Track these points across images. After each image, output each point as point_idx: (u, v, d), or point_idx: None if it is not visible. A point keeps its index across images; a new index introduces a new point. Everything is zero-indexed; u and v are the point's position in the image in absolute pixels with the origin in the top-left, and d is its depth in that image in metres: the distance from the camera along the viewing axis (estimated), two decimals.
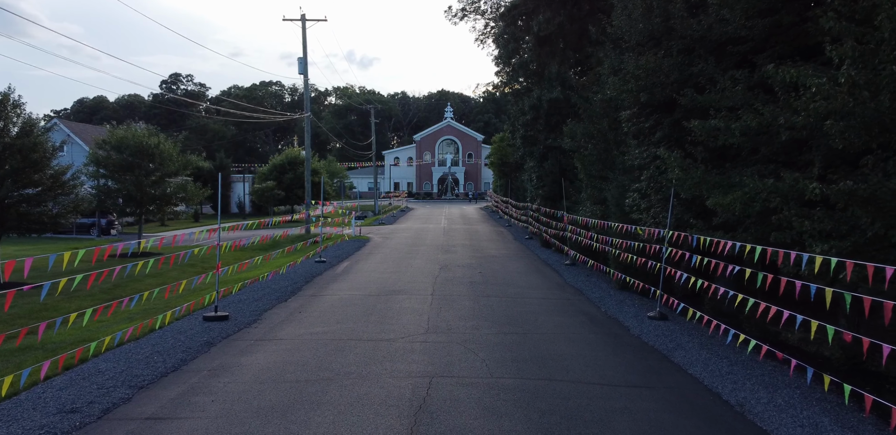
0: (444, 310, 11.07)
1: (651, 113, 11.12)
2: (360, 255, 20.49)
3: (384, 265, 17.58)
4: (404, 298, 12.23)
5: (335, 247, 22.76)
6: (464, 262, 18.42)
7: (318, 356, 7.95)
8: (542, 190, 24.63)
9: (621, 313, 11.05)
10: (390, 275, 15.62)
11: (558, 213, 19.83)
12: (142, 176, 20.47)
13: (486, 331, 9.44)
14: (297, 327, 9.68)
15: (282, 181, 42.25)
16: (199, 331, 9.41)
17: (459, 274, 15.82)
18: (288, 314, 10.73)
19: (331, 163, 55.63)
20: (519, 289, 13.63)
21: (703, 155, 9.73)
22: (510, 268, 17.25)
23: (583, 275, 16.04)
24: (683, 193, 9.75)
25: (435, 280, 14.77)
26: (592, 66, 23.53)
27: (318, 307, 11.35)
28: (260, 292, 12.93)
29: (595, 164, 16.04)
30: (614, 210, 13.96)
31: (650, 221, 11.31)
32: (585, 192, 17.06)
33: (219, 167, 54.28)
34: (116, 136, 20.55)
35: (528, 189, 29.57)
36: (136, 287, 15.76)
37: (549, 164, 24.00)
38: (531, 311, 11.12)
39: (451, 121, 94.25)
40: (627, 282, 12.53)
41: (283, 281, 14.48)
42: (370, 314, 10.65)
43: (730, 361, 7.98)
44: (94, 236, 31.16)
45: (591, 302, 12.29)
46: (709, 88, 9.37)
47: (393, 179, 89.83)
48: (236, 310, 11.05)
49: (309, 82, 28.01)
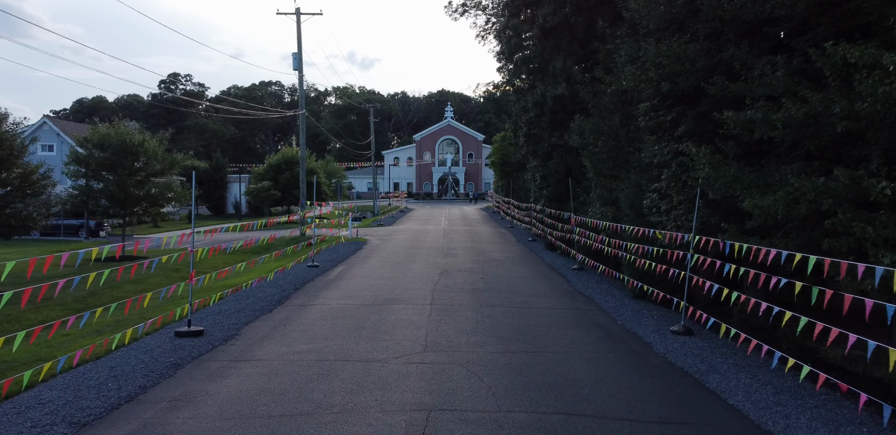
0: (445, 322, 10.00)
1: (673, 105, 10.05)
2: (355, 258, 19.43)
3: (380, 270, 16.52)
4: (401, 309, 11.17)
5: (330, 250, 21.69)
6: (465, 266, 17.36)
7: (299, 383, 6.88)
8: (547, 190, 23.56)
9: (640, 327, 9.98)
10: (386, 281, 14.56)
11: (565, 215, 18.78)
12: (125, 176, 19.40)
13: (492, 348, 8.38)
14: (278, 345, 8.61)
15: (278, 181, 41.20)
16: (168, 349, 8.34)
17: (460, 280, 14.76)
18: (271, 328, 9.66)
19: (329, 163, 54.61)
20: (525, 297, 12.56)
21: (735, 151, 8.67)
22: (514, 273, 16.18)
23: (593, 281, 14.97)
24: (712, 194, 8.69)
25: (434, 287, 13.72)
26: (599, 62, 22.50)
27: (305, 320, 10.29)
28: (243, 302, 11.86)
29: (606, 162, 14.97)
30: (628, 212, 12.90)
31: (671, 225, 10.25)
32: (595, 193, 15.99)
33: (215, 167, 53.32)
34: (99, 134, 19.48)
35: (531, 189, 28.51)
36: (114, 295, 14.71)
37: (553, 164, 22.94)
38: (540, 323, 10.06)
39: (451, 120, 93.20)
40: (645, 290, 11.47)
41: (270, 289, 13.42)
42: (362, 328, 9.58)
43: (775, 387, 6.91)
44: (83, 238, 30.12)
45: (605, 313, 11.22)
46: (744, 75, 8.30)
47: (392, 180, 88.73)
48: (213, 323, 9.98)
49: (306, 81, 26.97)
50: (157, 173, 20.63)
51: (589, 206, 16.76)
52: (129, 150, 19.44)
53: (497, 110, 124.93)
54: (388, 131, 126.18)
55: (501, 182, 46.52)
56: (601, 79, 16.39)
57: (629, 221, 12.78)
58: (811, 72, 7.85)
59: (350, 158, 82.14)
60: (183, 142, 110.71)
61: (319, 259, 18.95)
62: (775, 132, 7.56)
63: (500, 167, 47.37)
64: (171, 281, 16.90)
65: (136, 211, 20.54)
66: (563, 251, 19.89)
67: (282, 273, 15.63)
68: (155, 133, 24.44)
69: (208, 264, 20.04)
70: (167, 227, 38.61)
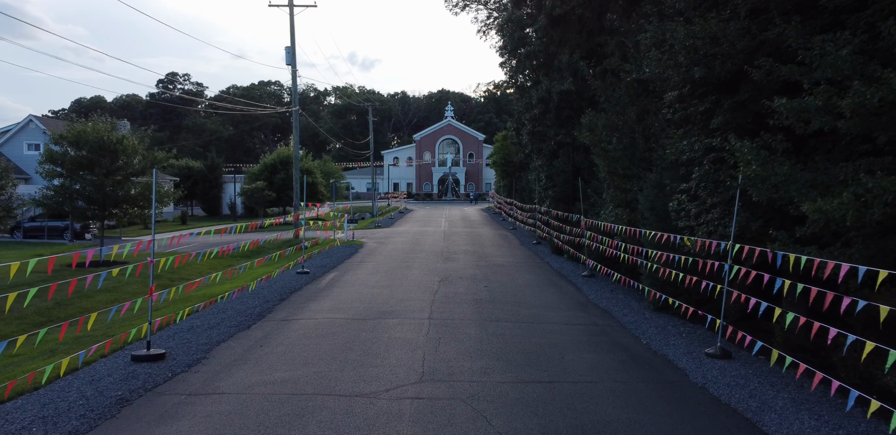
0: (445, 342, 8.76)
1: (706, 93, 8.80)
2: (349, 263, 18.18)
3: (376, 277, 15.27)
4: (395, 324, 9.92)
5: (323, 254, 20.44)
6: (467, 272, 16.11)
7: (266, 428, 5.63)
8: (552, 191, 22.32)
9: (669, 347, 8.72)
10: (381, 290, 13.31)
11: (573, 217, 17.52)
12: (102, 175, 18.13)
13: (500, 377, 7.13)
14: (250, 372, 7.36)
15: (273, 182, 39.94)
16: (119, 378, 7.09)
17: (462, 289, 13.52)
18: (245, 350, 8.41)
19: (326, 162, 53.38)
20: (534, 309, 11.32)
21: (784, 145, 7.42)
22: (520, 280, 14.94)
23: (606, 290, 13.72)
24: (756, 196, 7.44)
25: (433, 297, 12.47)
26: (608, 55, 21.30)
27: (285, 338, 9.04)
28: (218, 317, 10.60)
29: (620, 160, 13.73)
30: (648, 215, 11.65)
31: (703, 230, 9.00)
32: (607, 193, 14.75)
33: (210, 167, 52.13)
34: (74, 131, 18.21)
35: (534, 190, 27.26)
36: (83, 306, 13.47)
37: (560, 163, 21.71)
38: (554, 343, 8.81)
39: (451, 120, 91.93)
40: (671, 304, 10.20)
41: (252, 300, 12.16)
42: (350, 349, 8.34)
43: (847, 432, 5.66)
44: (67, 241, 28.87)
45: (626, 329, 9.96)
46: (799, 56, 7.05)
47: (392, 180, 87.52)
48: (180, 343, 8.73)
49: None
50: (137, 173, 19.36)
51: (600, 208, 15.53)
52: (107, 147, 18.16)
53: (498, 110, 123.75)
54: (388, 131, 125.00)
55: (503, 182, 45.28)
56: (614, 70, 15.16)
57: (649, 224, 11.54)
58: (878, 51, 6.63)
59: (349, 159, 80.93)
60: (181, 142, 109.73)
61: (311, 264, 17.70)
62: (840, 122, 6.32)
63: (502, 167, 46.13)
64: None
65: (116, 213, 19.28)
66: (571, 256, 18.64)
67: (267, 281, 14.37)
68: (153, 133, 23.21)
69: (193, 270, 18.79)
70: (158, 228, 37.36)
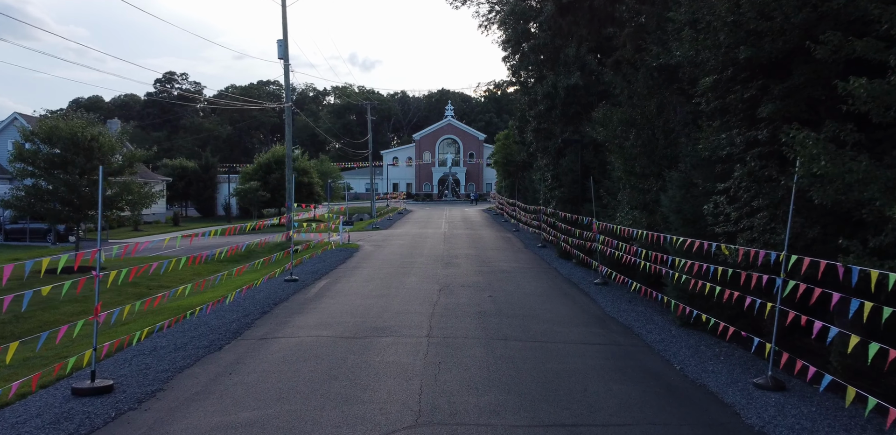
0: (446, 368, 7.51)
1: (751, 77, 7.54)
2: (343, 269, 16.92)
3: (370, 285, 14.02)
4: (389, 344, 8.68)
5: (315, 259, 19.18)
6: (469, 279, 14.86)
7: None
8: (559, 191, 21.07)
9: (708, 375, 7.45)
10: (375, 301, 12.07)
11: (583, 220, 16.26)
12: (76, 175, 16.88)
13: (513, 417, 5.88)
14: (210, 411, 6.10)
15: (268, 182, 38.70)
16: (50, 420, 5.84)
17: (464, 299, 12.27)
18: (210, 379, 7.15)
19: (323, 162, 52.15)
20: (546, 325, 10.07)
21: (855, 137, 6.17)
22: (528, 289, 13.69)
23: (623, 300, 12.47)
24: (819, 198, 6.20)
25: (433, 309, 11.22)
26: (617, 48, 20.10)
27: (260, 363, 7.79)
28: (189, 334, 9.34)
29: (638, 157, 12.48)
30: (673, 219, 10.40)
31: (745, 237, 7.75)
32: (623, 194, 13.49)
33: (204, 167, 50.92)
34: (46, 127, 16.94)
35: (538, 190, 26.02)
36: (45, 319, 12.23)
37: (567, 161, 20.46)
38: (573, 369, 7.56)
39: (451, 119, 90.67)
40: (704, 320, 8.94)
41: (230, 313, 10.91)
42: (334, 378, 7.09)
43: None
44: (50, 244, 27.62)
45: (653, 350, 8.71)
46: (878, 28, 5.81)
47: (391, 180, 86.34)
48: (136, 370, 7.47)
49: (294, 71, 24.47)
50: (113, 172, 18.10)
51: (614, 210, 14.28)
52: (81, 144, 16.89)
53: (498, 110, 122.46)
54: (388, 131, 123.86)
55: (505, 182, 44.06)
56: (630, 60, 13.92)
57: (675, 229, 10.29)
58: None
59: (348, 159, 79.68)
60: (178, 141, 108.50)
61: (301, 270, 16.45)
62: None
63: (504, 167, 44.89)
64: (124, 299, 14.43)
65: (93, 215, 18.02)
66: (580, 261, 17.37)
67: (250, 291, 13.10)
68: (150, 133, 21.89)
69: (174, 277, 17.54)
70: (149, 230, 36.11)
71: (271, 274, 14.75)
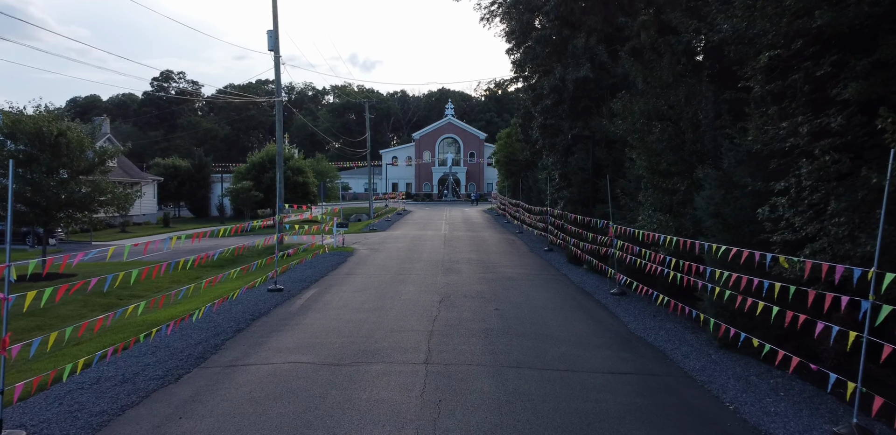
0: (447, 410, 6.12)
1: (823, 51, 6.14)
2: (334, 277, 15.52)
3: (362, 296, 12.63)
4: (380, 373, 7.28)
5: (305, 265, 17.76)
6: (472, 288, 13.46)
7: None
8: (568, 191, 19.68)
9: (771, 419, 6.04)
10: (368, 315, 10.67)
11: (597, 223, 14.85)
12: (41, 173, 15.45)
13: None
14: None
15: (261, 181, 37.24)
16: None
17: (468, 313, 10.87)
18: (151, 428, 5.73)
19: (319, 161, 50.73)
20: (563, 346, 8.67)
21: None
22: (538, 300, 12.29)
23: (647, 315, 11.06)
24: None
25: (432, 326, 9.83)
26: (629, 38, 18.72)
27: (221, 401, 6.38)
28: (144, 360, 7.92)
29: (664, 153, 11.07)
30: (711, 223, 8.99)
31: (813, 248, 6.36)
32: (645, 195, 12.08)
33: (197, 166, 49.53)
34: (8, 121, 15.46)
35: (544, 190, 24.64)
36: None
37: (577, 159, 19.07)
38: (605, 411, 6.16)
39: (451, 118, 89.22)
40: (756, 345, 7.51)
41: (198, 331, 9.51)
42: (309, 426, 5.69)
43: None
44: (28, 247, 26.22)
45: (696, 382, 7.29)
46: None
47: (391, 180, 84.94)
48: (63, 413, 6.06)
49: (283, 64, 23.07)
50: (83, 170, 16.66)
51: (635, 212, 12.87)
52: (47, 140, 15.46)
53: (499, 109, 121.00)
54: (388, 131, 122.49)
55: (507, 182, 42.64)
56: (653, 45, 12.50)
57: (712, 235, 8.90)
58: None
59: (347, 158, 78.28)
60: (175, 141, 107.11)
61: (288, 278, 15.06)
62: None
63: (506, 166, 43.49)
64: (89, 312, 13.03)
65: (62, 217, 16.61)
66: (592, 267, 15.96)
67: (226, 304, 11.68)
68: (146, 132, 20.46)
69: (149, 285, 16.14)
70: (137, 232, 34.70)
71: (252, 283, 13.33)
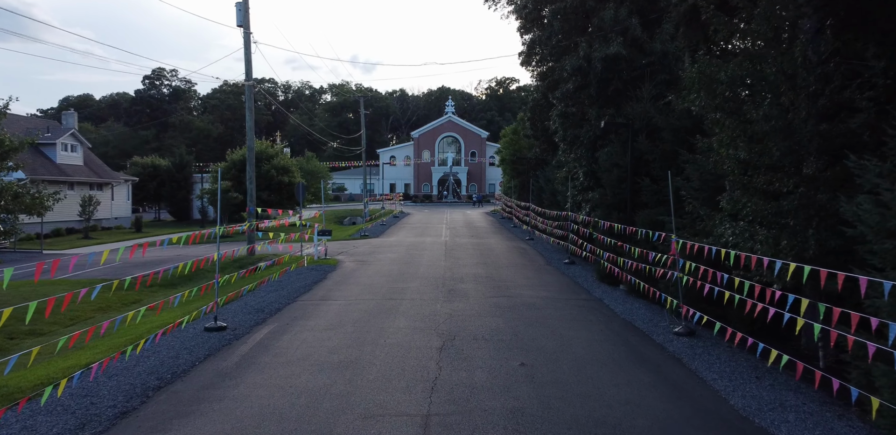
0: None
1: None
2: (303, 304, 11.99)
3: (334, 338, 9.09)
4: None
5: (269, 286, 14.18)
6: (484, 324, 9.94)
7: None
8: (596, 193, 16.14)
9: None
10: (333, 379, 7.14)
11: (650, 235, 11.25)
12: None
13: None
14: None
15: (241, 181, 33.56)
16: None
17: (482, 374, 7.33)
18: None
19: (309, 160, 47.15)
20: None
21: None
22: (578, 346, 8.74)
23: (745, 373, 7.49)
24: None
25: (429, 403, 6.33)
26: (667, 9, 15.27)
27: None
28: None
29: (771, 137, 7.50)
30: (880, 243, 5.46)
31: None
32: (730, 199, 8.47)
33: (178, 165, 46.01)
34: None
35: (562, 191, 21.11)
36: None
37: (608, 154, 15.47)
38: None
39: (452, 116, 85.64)
40: None
41: (53, 417, 5.96)
42: None
43: None
44: None
45: None
46: None
47: (388, 180, 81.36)
48: None
49: (254, 41, 19.52)
50: None
51: (710, 222, 9.34)
52: None
53: (500, 108, 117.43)
54: (386, 131, 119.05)
55: (513, 182, 39.08)
56: None
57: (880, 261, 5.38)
58: None
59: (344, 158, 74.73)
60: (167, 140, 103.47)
61: (242, 307, 11.51)
62: None
63: (512, 165, 39.90)
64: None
65: None
66: (636, 290, 12.36)
67: (128, 359, 8.08)
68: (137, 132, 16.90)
69: (65, 315, 12.55)
70: (102, 238, 31.09)
71: (178, 323, 9.69)
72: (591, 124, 16.91)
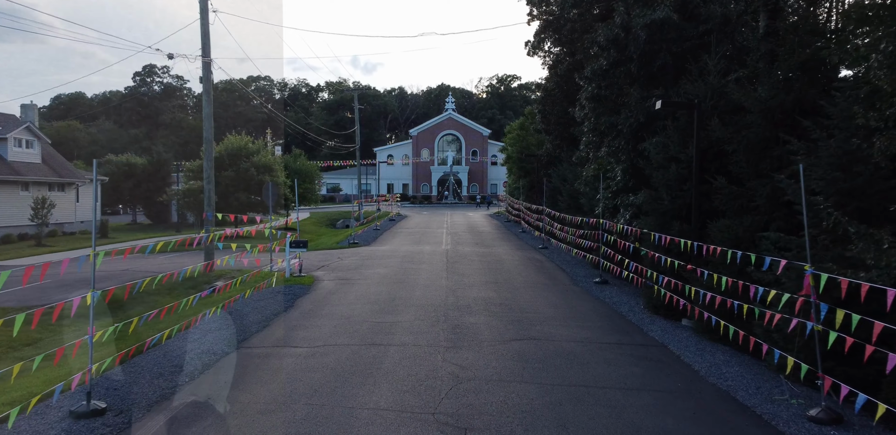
0: None
1: None
2: (246, 356, 8.44)
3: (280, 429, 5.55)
4: None
5: (209, 322, 10.60)
6: (508, 401, 6.42)
7: None
8: (640, 196, 12.57)
9: None
10: None
11: (760, 261, 7.71)
12: None
13: None
14: None
15: (218, 181, 30.12)
16: None
17: None
18: None
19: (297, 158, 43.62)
20: None
21: None
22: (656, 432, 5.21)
23: None
24: None
25: None
26: None
27: None
28: None
29: None
30: None
31: None
32: None
33: (156, 164, 42.47)
34: None
35: (586, 193, 17.57)
36: None
37: (661, 144, 11.85)
38: None
39: (452, 113, 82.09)
40: None
41: None
42: None
43: None
44: None
45: None
46: None
47: (385, 180, 77.69)
48: None
49: (213, 10, 16.00)
50: None
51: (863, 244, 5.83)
52: None
53: (501, 106, 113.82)
54: (384, 129, 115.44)
55: (521, 182, 35.53)
56: None
57: None
58: None
59: (341, 157, 71.16)
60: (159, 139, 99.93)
61: (150, 366, 7.96)
62: None
63: (518, 163, 36.35)
64: None
65: None
66: (705, 326, 8.81)
67: None
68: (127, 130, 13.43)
69: None
70: (56, 245, 27.47)
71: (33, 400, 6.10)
72: (633, 109, 13.38)
